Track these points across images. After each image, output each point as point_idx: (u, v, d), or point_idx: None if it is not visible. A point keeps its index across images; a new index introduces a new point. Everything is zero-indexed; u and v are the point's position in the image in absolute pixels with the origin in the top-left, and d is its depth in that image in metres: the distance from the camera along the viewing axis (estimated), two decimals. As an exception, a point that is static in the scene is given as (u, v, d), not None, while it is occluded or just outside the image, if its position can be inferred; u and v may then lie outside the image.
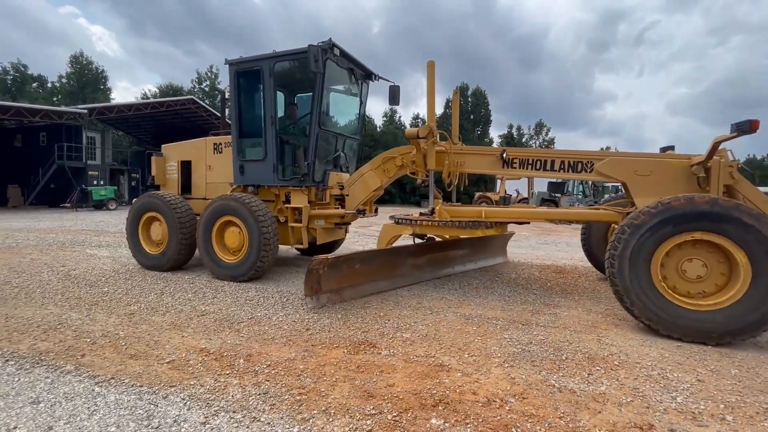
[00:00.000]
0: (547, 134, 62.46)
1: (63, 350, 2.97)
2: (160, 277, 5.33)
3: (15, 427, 2.03)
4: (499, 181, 26.87)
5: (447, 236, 5.54)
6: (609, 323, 3.77)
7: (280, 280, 5.30)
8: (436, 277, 5.52)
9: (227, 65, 5.64)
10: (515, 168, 4.80)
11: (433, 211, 4.97)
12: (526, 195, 25.10)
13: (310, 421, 2.11)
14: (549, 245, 9.65)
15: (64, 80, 46.81)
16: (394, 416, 2.16)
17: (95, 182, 23.63)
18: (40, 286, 4.83)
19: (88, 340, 3.17)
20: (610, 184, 24.58)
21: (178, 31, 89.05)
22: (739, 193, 3.81)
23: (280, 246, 5.58)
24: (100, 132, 29.36)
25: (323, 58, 4.88)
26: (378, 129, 54.50)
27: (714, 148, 3.70)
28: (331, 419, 2.12)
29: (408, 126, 59.85)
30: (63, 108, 24.32)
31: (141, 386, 2.45)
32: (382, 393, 2.40)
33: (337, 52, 5.11)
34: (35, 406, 2.23)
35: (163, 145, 6.89)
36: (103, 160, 28.19)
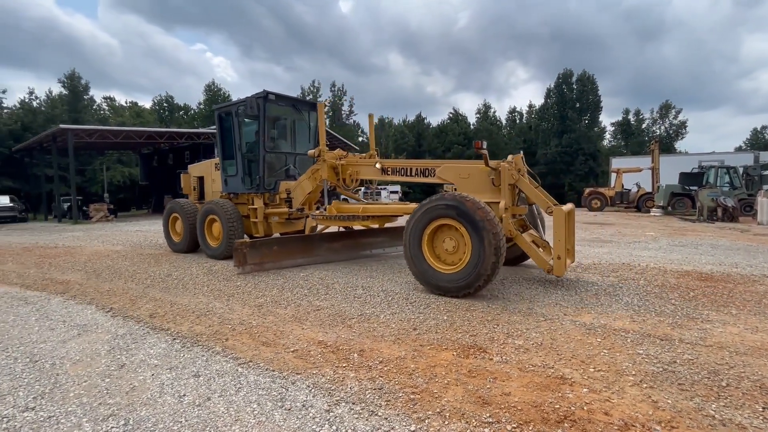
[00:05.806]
0: (675, 117, 52.86)
1: (212, 334, 3.52)
2: (279, 274, 5.96)
3: (184, 395, 2.46)
4: (614, 175, 23.61)
5: (377, 225, 6.68)
6: (786, 346, 3.01)
7: (384, 279, 5.49)
8: (353, 257, 7.08)
9: (213, 110, 8.11)
10: (389, 174, 5.89)
11: (326, 209, 6.72)
12: (649, 189, 21.59)
13: (426, 421, 2.11)
14: (686, 247, 8.17)
15: (201, 106, 55.90)
16: (514, 427, 2.04)
17: (225, 191, 27.66)
18: (192, 278, 5.82)
19: (229, 326, 3.70)
20: (769, 173, 19.83)
21: (279, 49, 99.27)
22: (520, 189, 4.86)
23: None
24: (227, 148, 34.33)
25: (259, 104, 6.92)
26: (471, 126, 52.74)
27: (486, 158, 4.77)
28: (446, 422, 2.10)
29: (504, 121, 56.90)
30: (200, 129, 29.16)
31: (273, 371, 2.76)
32: (497, 401, 2.29)
33: (272, 97, 7.13)
34: (196, 378, 2.67)
35: (189, 165, 9.51)
36: (230, 172, 32.80)
